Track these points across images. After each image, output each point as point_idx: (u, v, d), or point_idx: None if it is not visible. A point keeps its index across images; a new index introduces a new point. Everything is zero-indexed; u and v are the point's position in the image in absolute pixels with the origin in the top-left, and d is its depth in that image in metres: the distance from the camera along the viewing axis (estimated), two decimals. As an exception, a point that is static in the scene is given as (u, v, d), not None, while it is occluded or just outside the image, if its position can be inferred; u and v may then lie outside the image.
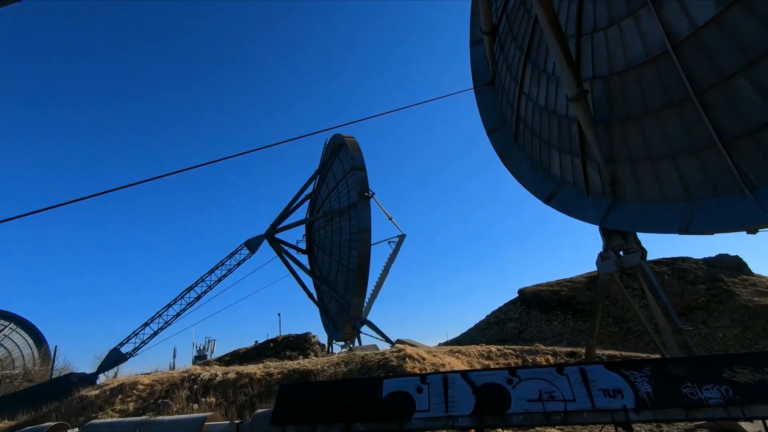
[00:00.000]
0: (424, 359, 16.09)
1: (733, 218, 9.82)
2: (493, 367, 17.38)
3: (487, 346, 20.78)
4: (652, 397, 7.05)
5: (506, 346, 21.07)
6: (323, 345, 36.46)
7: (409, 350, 16.97)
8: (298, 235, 41.65)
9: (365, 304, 32.82)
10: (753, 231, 10.25)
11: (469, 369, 15.68)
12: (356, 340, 32.80)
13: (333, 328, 36.21)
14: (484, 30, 16.97)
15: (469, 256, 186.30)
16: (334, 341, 36.68)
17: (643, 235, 13.00)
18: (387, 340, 32.58)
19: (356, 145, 33.73)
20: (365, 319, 32.85)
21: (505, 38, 16.56)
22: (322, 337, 37.54)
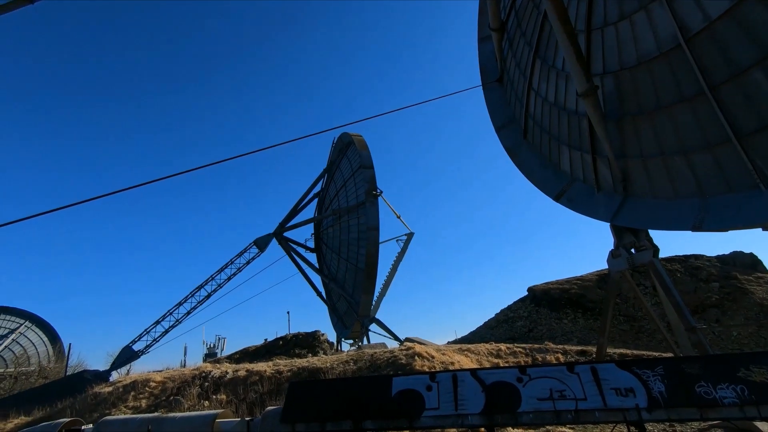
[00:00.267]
0: (433, 357, 16.07)
1: (748, 215, 9.63)
2: (502, 365, 17.29)
3: (497, 345, 20.68)
4: (665, 396, 6.95)
5: (516, 345, 20.94)
6: (332, 343, 36.64)
7: (418, 348, 16.95)
8: (307, 234, 41.94)
9: (374, 303, 32.87)
10: (768, 228, 10.06)
11: (479, 367, 15.63)
12: (365, 339, 32.87)
13: (342, 326, 36.33)
14: (492, 26, 16.84)
15: (478, 253, 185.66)
16: (342, 339, 36.81)
17: (654, 232, 12.84)
18: (396, 338, 32.61)
19: (364, 143, 33.75)
20: (374, 317, 32.90)
21: (513, 34, 16.42)
22: (331, 335, 37.77)
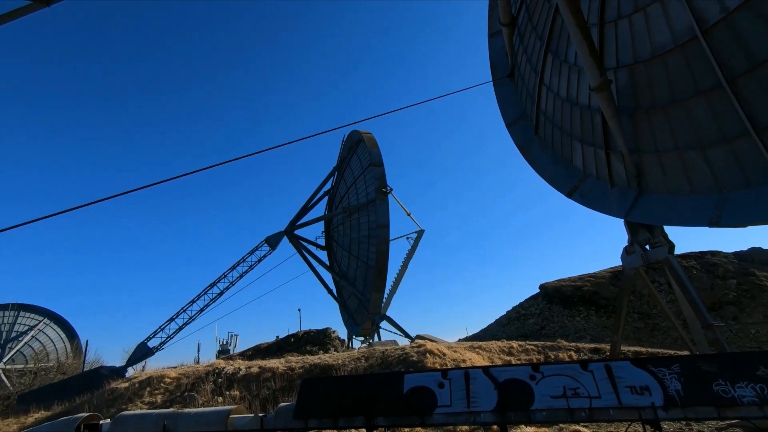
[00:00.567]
0: (444, 355, 16.05)
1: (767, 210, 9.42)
2: (514, 363, 17.20)
3: (508, 342, 20.57)
4: (681, 394, 6.86)
5: (528, 342, 20.81)
6: (343, 340, 36.77)
7: (429, 345, 16.94)
8: (318, 232, 42.14)
9: (384, 300, 32.92)
10: (789, 223, 9.81)
11: (491, 365, 15.56)
12: (375, 336, 32.96)
13: (353, 323, 36.47)
14: (503, 21, 16.68)
15: (489, 250, 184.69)
16: (353, 336, 36.97)
17: (670, 228, 12.63)
18: (406, 335, 32.63)
19: (374, 141, 33.74)
20: (384, 314, 32.96)
21: (524, 29, 16.24)
22: (342, 332, 37.92)
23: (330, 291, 39.66)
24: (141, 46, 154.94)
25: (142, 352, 33.85)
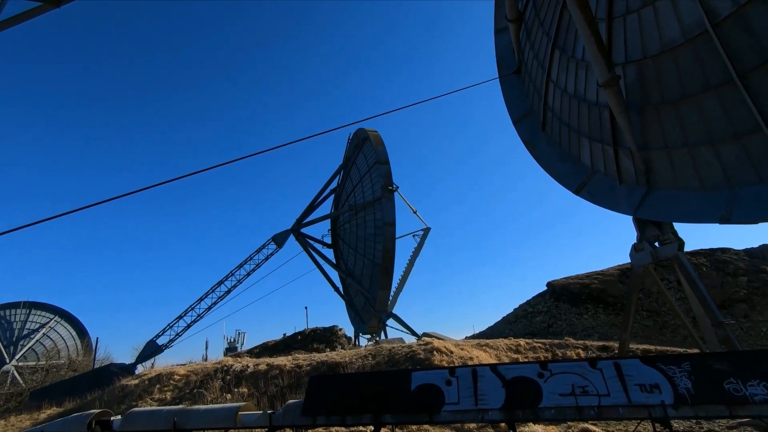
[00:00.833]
0: (451, 352, 16.04)
1: (780, 206, 9.30)
2: (522, 360, 17.15)
3: (516, 340, 20.51)
4: (692, 392, 6.78)
5: (535, 340, 20.74)
6: (350, 338, 36.83)
7: (436, 343, 16.94)
8: (324, 230, 42.16)
9: (391, 298, 32.97)
10: (801, 220, 9.67)
11: (498, 362, 15.53)
12: (382, 333, 33.02)
13: (359, 321, 36.57)
14: (509, 17, 16.57)
15: (496, 248, 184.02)
16: (360, 334, 37.06)
17: (679, 225, 12.49)
18: (413, 333, 32.66)
19: (380, 139, 33.73)
20: (391, 312, 33.01)
21: (531, 25, 16.12)
22: (349, 330, 38.01)
23: (336, 289, 39.78)
24: (148, 45, 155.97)
25: (151, 350, 34.24)
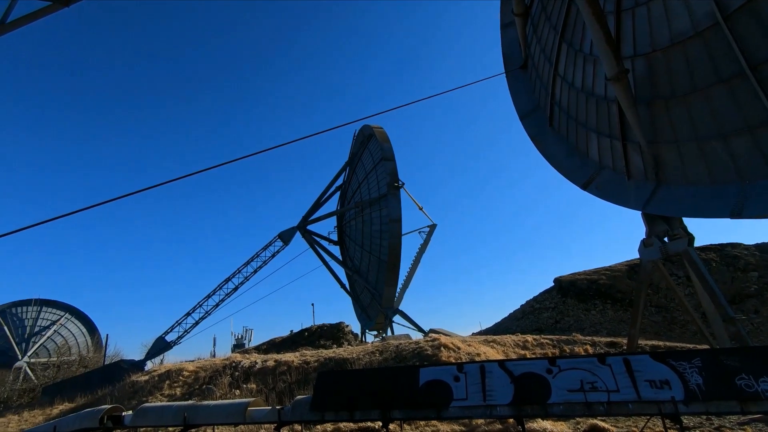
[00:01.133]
0: (459, 348, 16.03)
1: (792, 200, 9.17)
2: (529, 357, 17.10)
3: (523, 336, 20.44)
4: (702, 388, 6.75)
5: (543, 336, 20.66)
6: (356, 334, 37.00)
7: (443, 339, 16.94)
8: (330, 227, 42.26)
9: (397, 294, 33.00)
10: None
11: (507, 358, 15.52)
12: (389, 330, 33.08)
13: (366, 317, 36.64)
14: (516, 11, 16.43)
15: (503, 244, 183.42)
16: (367, 331, 37.15)
17: (689, 220, 12.37)
18: (420, 329, 32.66)
19: (385, 135, 33.66)
20: (397, 308, 33.03)
21: (538, 19, 15.97)
22: (355, 326, 38.14)
23: (343, 285, 39.86)
24: (154, 46, 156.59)
25: (160, 346, 34.61)
